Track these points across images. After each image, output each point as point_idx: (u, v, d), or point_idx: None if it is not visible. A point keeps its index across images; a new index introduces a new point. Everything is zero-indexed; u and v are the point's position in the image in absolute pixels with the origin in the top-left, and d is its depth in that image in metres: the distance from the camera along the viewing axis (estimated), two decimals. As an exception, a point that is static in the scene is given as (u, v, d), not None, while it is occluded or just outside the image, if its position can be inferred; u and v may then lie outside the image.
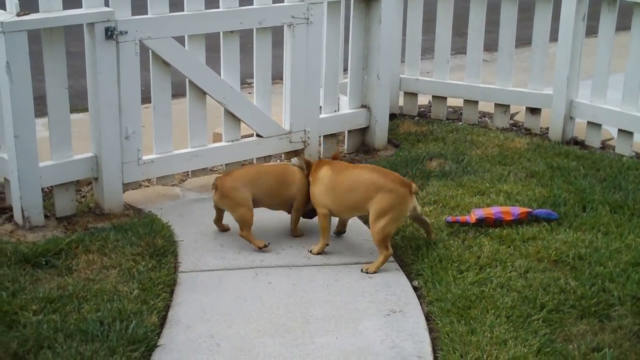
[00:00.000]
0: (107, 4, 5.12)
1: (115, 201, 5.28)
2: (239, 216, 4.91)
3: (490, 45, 7.27)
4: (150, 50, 5.31)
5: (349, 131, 6.47)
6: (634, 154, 6.46)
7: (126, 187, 5.41)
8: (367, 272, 4.65)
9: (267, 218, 5.24)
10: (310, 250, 4.87)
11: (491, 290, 4.39)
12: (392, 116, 6.96)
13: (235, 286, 4.51)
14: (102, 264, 4.56)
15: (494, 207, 5.18)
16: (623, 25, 6.62)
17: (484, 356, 3.86)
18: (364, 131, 6.52)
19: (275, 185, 5.02)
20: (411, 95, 7.29)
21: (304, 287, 4.51)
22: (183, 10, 5.42)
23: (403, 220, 4.81)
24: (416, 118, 7.24)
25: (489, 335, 4.01)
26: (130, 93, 5.23)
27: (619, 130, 6.51)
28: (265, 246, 4.87)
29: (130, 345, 3.87)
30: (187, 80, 5.53)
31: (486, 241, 4.89)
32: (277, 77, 6.18)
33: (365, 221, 5.25)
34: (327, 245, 4.88)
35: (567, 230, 5.04)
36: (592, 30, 6.73)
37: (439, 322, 4.18)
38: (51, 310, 4.11)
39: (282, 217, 5.25)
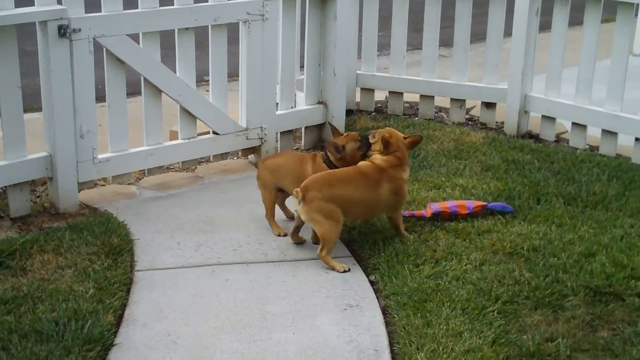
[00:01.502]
0: (60, 2, 5.07)
1: (70, 200, 5.24)
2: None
3: (448, 40, 7.32)
4: (104, 48, 5.28)
5: (306, 127, 6.48)
6: (587, 147, 6.54)
7: (81, 186, 5.37)
8: None
9: (222, 214, 5.25)
10: None
11: (447, 283, 4.42)
12: (349, 112, 6.98)
13: (192, 284, 4.50)
14: (57, 264, 4.53)
15: (450, 201, 5.22)
16: (577, 19, 6.69)
17: (440, 348, 3.89)
18: (321, 127, 6.53)
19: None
20: (368, 91, 7.32)
21: (261, 283, 4.52)
22: (137, 8, 5.40)
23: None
24: (373, 114, 7.27)
25: (444, 327, 4.04)
26: (85, 91, 5.19)
27: (573, 123, 6.59)
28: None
29: (86, 345, 3.85)
30: (142, 78, 5.50)
31: (442, 235, 4.93)
32: (233, 74, 6.17)
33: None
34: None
35: (522, 222, 5.09)
36: (546, 25, 6.80)
37: (396, 315, 4.21)
38: (5, 312, 4.07)
39: (239, 213, 5.26)
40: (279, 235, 5.00)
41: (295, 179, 4.97)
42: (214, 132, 5.89)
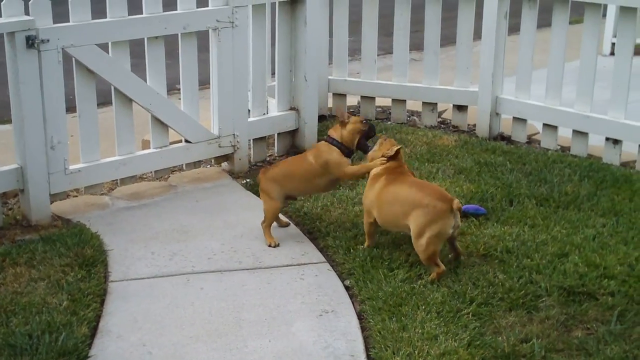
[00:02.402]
0: (27, 13, 5.05)
1: (42, 212, 5.21)
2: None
3: (419, 44, 7.35)
4: (73, 59, 5.25)
5: (278, 134, 6.48)
6: (559, 147, 6.58)
7: (53, 197, 5.34)
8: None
9: (196, 222, 5.24)
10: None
11: (421, 286, 4.43)
12: (322, 117, 6.98)
13: (167, 293, 4.49)
14: (30, 277, 4.50)
15: None
16: (546, 21, 6.74)
17: (416, 352, 3.90)
18: (293, 133, 6.53)
19: None
20: (340, 96, 7.33)
21: (236, 291, 4.51)
22: (106, 17, 5.37)
23: (445, 236, 4.51)
24: (346, 119, 7.26)
25: (420, 331, 4.05)
26: (55, 102, 5.17)
27: (544, 124, 6.63)
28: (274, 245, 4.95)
29: (61, 358, 3.83)
30: (112, 87, 5.48)
31: (416, 238, 4.94)
32: (205, 81, 6.16)
33: (297, 222, 5.29)
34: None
35: (495, 224, 5.12)
36: (515, 27, 6.84)
37: (371, 320, 4.21)
38: (-22, 326, 4.05)
39: (212, 221, 5.25)
40: (269, 246, 4.97)
41: (302, 180, 5.04)
42: (186, 141, 5.88)
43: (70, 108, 5.51)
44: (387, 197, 4.65)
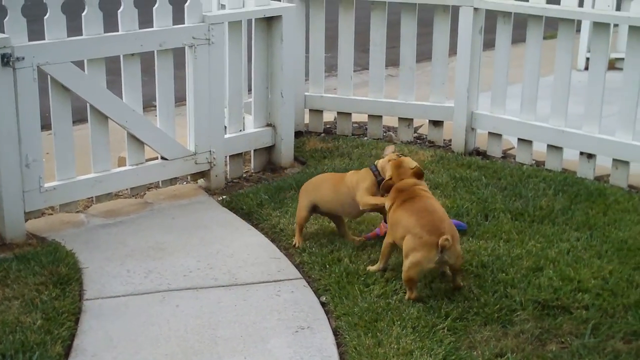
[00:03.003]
0: (2, 30, 5.04)
1: (17, 230, 5.19)
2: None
3: (395, 60, 7.38)
4: (49, 76, 5.25)
5: (255, 150, 6.48)
6: (533, 162, 6.63)
7: (28, 215, 5.32)
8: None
9: (172, 239, 5.24)
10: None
11: (397, 302, 4.44)
12: (298, 134, 7.00)
13: (142, 311, 4.47)
14: (3, 295, 4.47)
15: None
16: (520, 37, 6.79)
17: (391, 367, 3.91)
18: (270, 150, 6.54)
19: None
20: (316, 112, 7.35)
21: (211, 308, 4.50)
22: (82, 35, 5.37)
23: (425, 268, 4.44)
24: (322, 135, 7.30)
25: (395, 346, 4.06)
26: (30, 120, 5.15)
27: (519, 139, 6.67)
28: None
29: (34, 377, 3.82)
30: (88, 105, 5.48)
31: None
32: (181, 98, 6.17)
33: (274, 239, 5.29)
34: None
35: (470, 239, 5.14)
36: (490, 43, 6.90)
37: (347, 336, 4.21)
38: (-49, 346, 4.02)
39: (189, 239, 5.25)
40: (293, 245, 5.11)
41: (330, 195, 5.10)
42: (162, 158, 5.88)
43: (46, 125, 5.49)
44: (395, 218, 4.63)
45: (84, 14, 5.36)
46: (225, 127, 6.25)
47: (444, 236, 4.31)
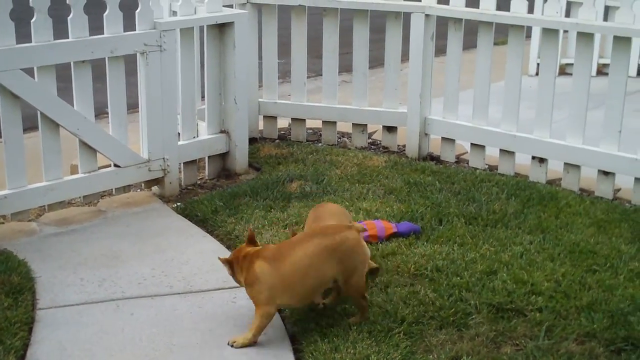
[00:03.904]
0: (-50, 38, 4.97)
1: (-33, 240, 5.12)
2: None
3: (349, 66, 7.40)
4: (-3, 83, 5.18)
5: (209, 157, 6.46)
6: (486, 166, 6.69)
7: (-21, 225, 5.25)
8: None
9: (126, 247, 5.19)
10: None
11: (353, 307, 4.44)
12: (253, 140, 6.99)
13: (96, 320, 4.42)
14: (-46, 306, 4.41)
15: (360, 223, 5.24)
16: (472, 43, 6.86)
17: (348, 372, 3.91)
18: (224, 156, 6.52)
19: None
20: (270, 118, 7.34)
21: (167, 316, 4.47)
22: (31, 42, 5.31)
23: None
24: (277, 141, 7.29)
25: (352, 351, 4.06)
26: (-21, 128, 5.09)
27: (472, 144, 6.73)
28: None
29: (-14, 388, 3.76)
30: (38, 112, 5.41)
31: (347, 259, 4.96)
32: (135, 105, 6.12)
33: (229, 245, 5.26)
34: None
35: (425, 243, 5.16)
36: (442, 49, 6.95)
37: (303, 341, 4.21)
38: None
39: (143, 246, 5.20)
40: None
41: None
42: (115, 165, 5.83)
43: (-4, 134, 5.43)
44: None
45: (33, 20, 5.29)
46: (179, 134, 6.21)
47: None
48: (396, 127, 7.08)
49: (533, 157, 6.40)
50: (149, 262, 5.03)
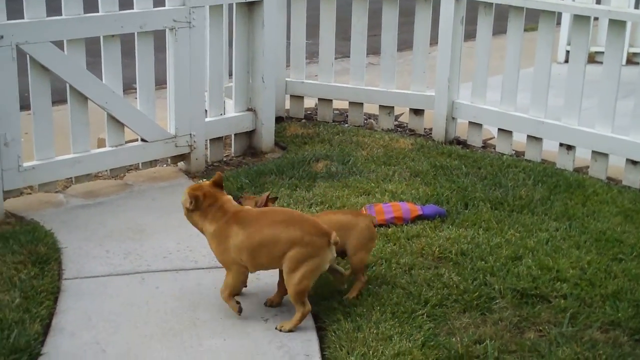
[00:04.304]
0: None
1: (-5, 209, 5.15)
2: None
3: (377, 48, 7.38)
4: (28, 56, 5.19)
5: (235, 134, 6.47)
6: (513, 152, 6.66)
7: (7, 194, 5.27)
8: (281, 330, 4.18)
9: (151, 221, 5.21)
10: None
11: (377, 287, 4.45)
12: (279, 119, 6.99)
13: (121, 292, 4.45)
14: (-19, 274, 4.45)
15: (385, 205, 5.26)
16: (502, 28, 6.81)
17: (370, 352, 3.91)
18: (250, 134, 6.52)
19: None
20: (297, 98, 7.34)
21: (191, 290, 4.49)
22: (61, 15, 5.32)
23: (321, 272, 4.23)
24: (303, 121, 7.29)
25: (375, 331, 4.07)
26: (8, 99, 5.10)
27: (499, 129, 6.70)
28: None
29: (12, 355, 3.78)
30: (67, 85, 5.43)
31: (372, 240, 4.96)
32: (162, 81, 6.13)
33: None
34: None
35: (450, 227, 5.15)
36: (471, 34, 6.91)
37: (326, 320, 4.22)
38: None
39: (168, 220, 5.22)
40: None
41: None
42: (142, 140, 5.84)
43: (25, 106, 5.44)
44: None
45: (63, -7, 5.32)
46: (206, 110, 6.22)
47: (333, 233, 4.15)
48: (423, 110, 7.05)
49: (561, 144, 6.36)
50: (174, 237, 5.05)
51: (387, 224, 5.16)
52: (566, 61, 8.96)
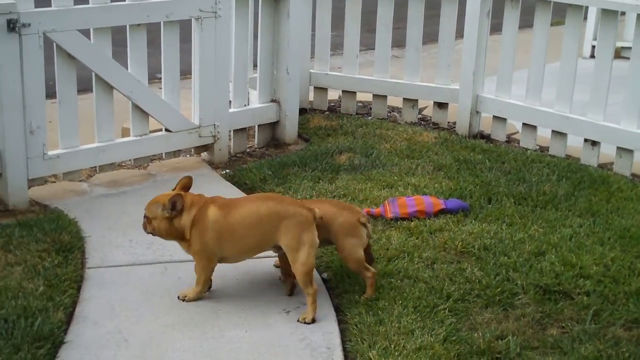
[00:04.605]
0: (9, -4, 5.01)
1: (20, 197, 5.17)
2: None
3: (401, 41, 7.36)
4: (54, 44, 5.21)
5: (259, 126, 6.47)
6: (537, 147, 6.62)
7: (31, 182, 5.30)
8: (305, 322, 4.17)
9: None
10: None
11: (399, 281, 4.45)
12: (303, 111, 6.98)
13: (144, 281, 4.47)
14: (6, 261, 4.47)
15: (408, 198, 5.24)
16: (528, 22, 6.77)
17: (392, 346, 3.91)
18: (274, 125, 6.52)
19: None
20: (321, 90, 7.33)
21: (213, 281, 4.49)
22: (88, 3, 5.34)
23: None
24: (326, 113, 7.28)
25: (396, 325, 4.06)
26: (34, 87, 5.12)
27: (524, 124, 6.67)
28: None
29: (36, 343, 3.81)
30: (93, 74, 5.45)
31: (394, 233, 4.96)
32: (187, 71, 6.14)
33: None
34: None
35: (473, 221, 5.14)
36: (497, 27, 6.87)
37: (348, 313, 4.22)
38: (-47, 309, 4.01)
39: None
40: None
41: None
42: (166, 130, 5.86)
43: (50, 94, 5.46)
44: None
45: (90, -18, 5.34)
46: (230, 101, 6.23)
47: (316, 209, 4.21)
48: (447, 104, 7.03)
49: (585, 140, 6.32)
50: (197, 227, 5.06)
51: (410, 217, 5.15)
52: (592, 56, 8.91)
